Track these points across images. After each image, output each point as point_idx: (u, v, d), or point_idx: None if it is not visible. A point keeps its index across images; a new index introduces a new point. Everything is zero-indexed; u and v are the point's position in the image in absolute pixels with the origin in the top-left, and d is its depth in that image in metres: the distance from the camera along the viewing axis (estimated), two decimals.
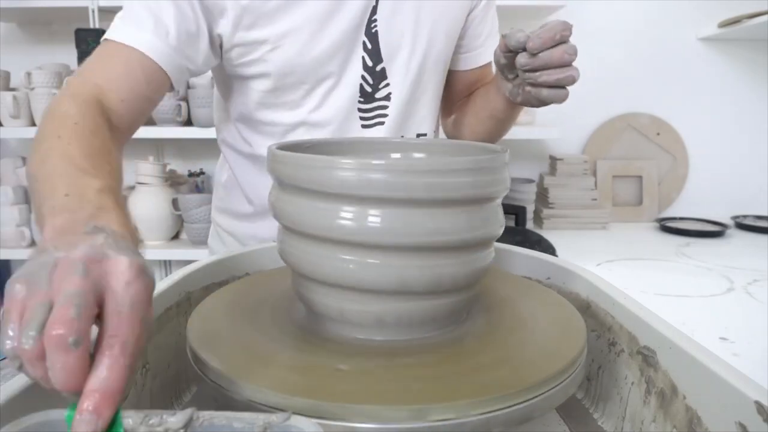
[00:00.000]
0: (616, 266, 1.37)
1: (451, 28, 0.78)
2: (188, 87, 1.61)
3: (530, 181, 1.82)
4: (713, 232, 1.67)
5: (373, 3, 0.71)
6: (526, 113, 1.70)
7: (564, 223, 1.74)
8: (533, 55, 0.58)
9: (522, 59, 0.59)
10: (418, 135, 0.80)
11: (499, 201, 0.43)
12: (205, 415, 0.26)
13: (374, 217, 0.38)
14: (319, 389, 0.34)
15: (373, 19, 0.72)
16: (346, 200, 0.38)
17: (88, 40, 1.54)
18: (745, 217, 1.78)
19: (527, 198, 1.75)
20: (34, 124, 1.65)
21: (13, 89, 1.70)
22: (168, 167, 1.76)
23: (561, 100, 0.61)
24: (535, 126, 1.72)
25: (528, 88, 0.63)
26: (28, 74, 1.61)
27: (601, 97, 1.85)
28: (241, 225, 0.86)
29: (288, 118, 0.74)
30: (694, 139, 1.87)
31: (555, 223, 1.74)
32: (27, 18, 1.78)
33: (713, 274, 1.30)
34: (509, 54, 0.62)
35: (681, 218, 1.80)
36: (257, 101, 0.74)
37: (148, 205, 1.69)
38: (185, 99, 1.58)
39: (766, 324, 1.00)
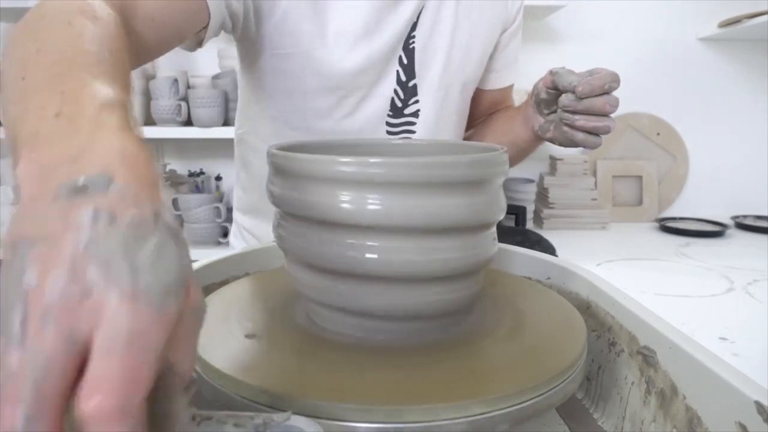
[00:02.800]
0: (616, 266, 1.37)
1: (484, 48, 0.78)
2: (188, 87, 1.61)
3: (530, 181, 1.82)
4: (713, 232, 1.67)
5: (415, 19, 0.71)
6: None
7: (564, 223, 1.74)
8: (578, 98, 0.59)
9: (566, 99, 0.61)
10: None
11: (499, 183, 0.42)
12: (205, 415, 0.26)
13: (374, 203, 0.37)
14: (319, 389, 0.34)
15: (412, 35, 0.71)
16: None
17: None
18: (745, 217, 1.78)
19: (527, 198, 1.75)
20: None
21: None
22: (168, 167, 1.76)
23: (594, 146, 0.62)
24: None
25: (565, 128, 0.63)
26: None
27: None
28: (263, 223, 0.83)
29: (319, 124, 0.73)
30: (694, 139, 1.87)
31: (555, 223, 1.74)
32: None
33: (713, 274, 1.30)
34: (552, 91, 0.64)
35: (681, 218, 1.80)
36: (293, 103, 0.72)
37: None
38: (185, 99, 1.58)
39: (766, 324, 0.99)
